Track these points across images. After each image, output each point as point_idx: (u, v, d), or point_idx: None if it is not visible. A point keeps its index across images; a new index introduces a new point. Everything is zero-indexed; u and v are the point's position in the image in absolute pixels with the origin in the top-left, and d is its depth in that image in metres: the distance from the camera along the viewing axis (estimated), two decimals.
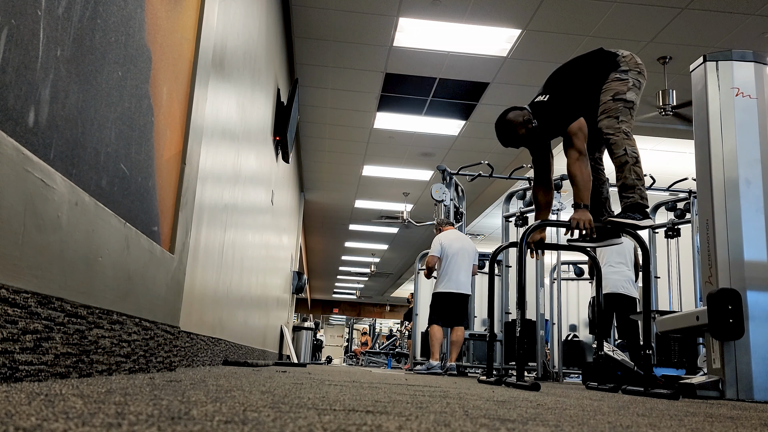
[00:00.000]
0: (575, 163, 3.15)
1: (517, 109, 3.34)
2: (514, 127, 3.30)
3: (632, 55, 3.33)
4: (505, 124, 3.34)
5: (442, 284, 6.07)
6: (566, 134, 3.20)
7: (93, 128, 1.40)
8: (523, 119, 3.29)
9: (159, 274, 1.99)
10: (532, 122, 3.27)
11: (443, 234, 6.25)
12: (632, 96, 3.23)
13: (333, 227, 14.23)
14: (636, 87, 3.25)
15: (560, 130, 3.23)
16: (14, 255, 1.07)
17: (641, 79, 3.29)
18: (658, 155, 8.48)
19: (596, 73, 3.30)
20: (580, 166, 3.15)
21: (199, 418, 0.78)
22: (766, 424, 1.38)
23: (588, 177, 3.16)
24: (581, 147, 3.17)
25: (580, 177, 3.14)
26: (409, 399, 1.43)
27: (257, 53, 4.08)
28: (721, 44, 5.53)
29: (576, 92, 3.29)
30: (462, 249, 6.11)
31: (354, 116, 7.73)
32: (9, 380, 1.06)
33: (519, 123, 3.29)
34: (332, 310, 29.69)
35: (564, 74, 3.39)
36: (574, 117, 3.20)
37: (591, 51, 3.44)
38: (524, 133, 3.30)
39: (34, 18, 1.10)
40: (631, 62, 3.29)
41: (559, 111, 3.24)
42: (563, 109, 3.24)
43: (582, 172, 3.14)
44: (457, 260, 6.06)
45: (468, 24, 5.48)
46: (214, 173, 2.98)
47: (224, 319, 3.61)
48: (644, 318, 3.02)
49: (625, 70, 3.26)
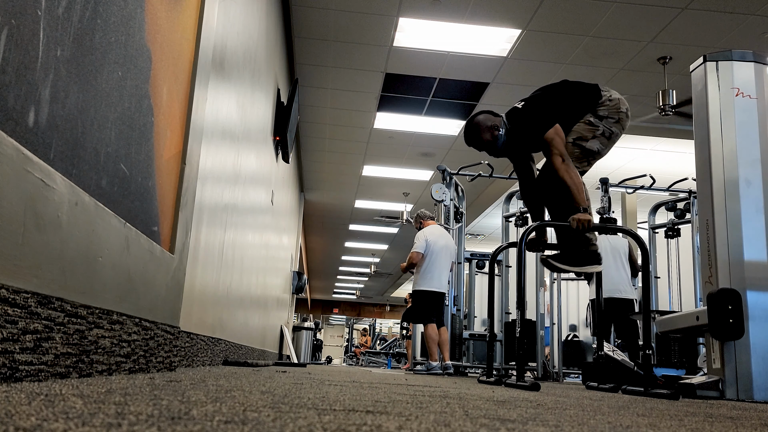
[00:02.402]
0: (561, 169, 3.08)
1: (489, 114, 3.34)
2: (478, 129, 3.31)
3: (620, 101, 3.20)
4: (472, 125, 3.35)
5: (427, 283, 5.99)
6: (544, 142, 3.14)
7: (93, 128, 1.40)
8: (490, 124, 3.28)
9: (159, 274, 1.99)
10: (499, 130, 3.26)
11: (428, 230, 6.15)
12: (595, 145, 3.14)
13: (333, 227, 14.23)
14: (604, 136, 3.15)
15: (537, 137, 3.17)
16: (14, 255, 1.07)
17: (616, 128, 3.17)
18: (658, 155, 8.48)
19: (575, 102, 3.22)
20: (567, 171, 3.08)
21: (199, 418, 0.78)
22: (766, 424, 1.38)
23: (578, 179, 3.10)
24: (562, 150, 3.10)
25: (570, 182, 3.08)
26: (409, 399, 1.43)
27: (257, 53, 4.08)
28: (721, 44, 5.53)
29: (553, 106, 3.22)
30: (445, 247, 6.07)
31: (354, 116, 7.73)
32: (9, 380, 1.06)
33: (485, 127, 3.29)
34: (332, 310, 29.69)
35: (544, 90, 3.35)
36: (549, 123, 3.15)
37: (575, 81, 3.33)
38: (489, 139, 3.29)
39: (34, 18, 1.10)
40: (613, 109, 3.17)
41: (534, 118, 3.20)
42: (538, 116, 3.19)
43: (571, 176, 3.08)
44: (441, 258, 6.02)
45: (468, 24, 5.48)
46: (214, 173, 2.98)
47: (224, 319, 3.61)
48: (644, 318, 3.02)
49: (602, 116, 3.16)
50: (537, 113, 3.23)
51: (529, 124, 3.22)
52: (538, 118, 3.20)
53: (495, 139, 3.29)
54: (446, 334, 6.08)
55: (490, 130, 3.28)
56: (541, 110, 3.23)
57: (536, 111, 3.24)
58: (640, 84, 6.38)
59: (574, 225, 3.12)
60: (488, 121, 3.30)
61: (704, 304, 3.20)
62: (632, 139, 7.82)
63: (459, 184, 7.42)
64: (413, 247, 6.10)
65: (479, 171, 7.13)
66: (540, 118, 3.20)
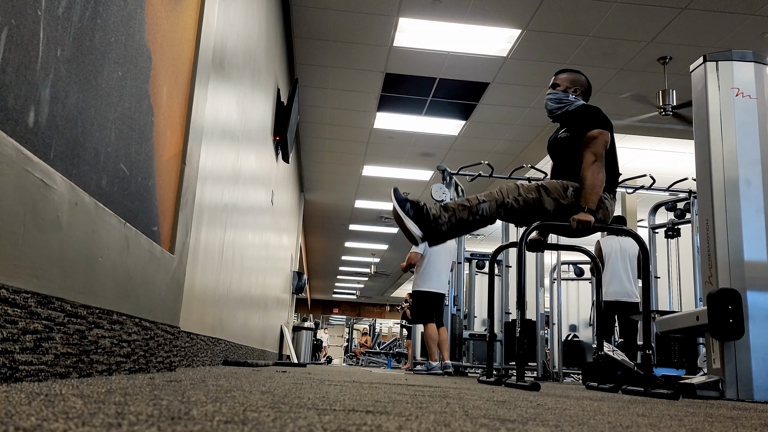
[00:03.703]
0: (589, 167, 3.02)
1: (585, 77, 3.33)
2: (576, 72, 3.31)
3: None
4: (569, 70, 3.33)
5: (426, 283, 6.04)
6: (585, 137, 3.08)
7: (93, 128, 1.40)
8: (578, 82, 3.27)
9: (159, 274, 1.99)
10: (575, 92, 3.25)
11: None
12: (549, 206, 3.08)
13: (333, 227, 14.23)
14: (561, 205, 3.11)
15: (584, 131, 3.11)
16: (14, 255, 1.07)
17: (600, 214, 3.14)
18: (658, 155, 8.48)
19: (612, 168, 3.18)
20: (593, 171, 3.02)
21: (199, 418, 0.78)
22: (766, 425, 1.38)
23: (599, 183, 3.02)
24: (599, 152, 3.04)
25: (590, 181, 3.01)
26: (409, 399, 1.43)
27: (257, 53, 4.08)
28: (721, 44, 5.53)
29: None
30: (444, 247, 6.09)
31: (354, 116, 7.73)
32: (9, 380, 1.06)
33: (576, 81, 3.28)
34: (332, 310, 29.69)
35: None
36: (605, 127, 3.10)
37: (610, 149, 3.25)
38: (567, 86, 3.26)
39: (34, 18, 1.10)
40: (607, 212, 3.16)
41: (590, 117, 3.14)
42: (594, 118, 3.14)
43: (594, 177, 3.01)
44: (440, 259, 6.05)
45: (468, 24, 5.48)
46: (214, 173, 2.98)
47: (224, 319, 3.61)
48: (644, 318, 3.01)
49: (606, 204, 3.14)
50: (597, 117, 3.16)
51: (583, 121, 3.15)
52: (593, 118, 3.14)
53: (566, 94, 3.25)
54: (446, 334, 6.09)
55: (574, 84, 3.26)
56: (600, 119, 3.16)
57: (597, 116, 3.17)
58: (640, 84, 6.38)
59: (574, 225, 3.11)
60: (580, 80, 3.27)
61: (704, 304, 3.20)
62: (632, 139, 7.82)
63: (459, 184, 7.42)
64: (412, 248, 6.13)
65: (479, 171, 7.13)
66: (596, 120, 3.13)
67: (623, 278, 5.95)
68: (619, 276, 5.93)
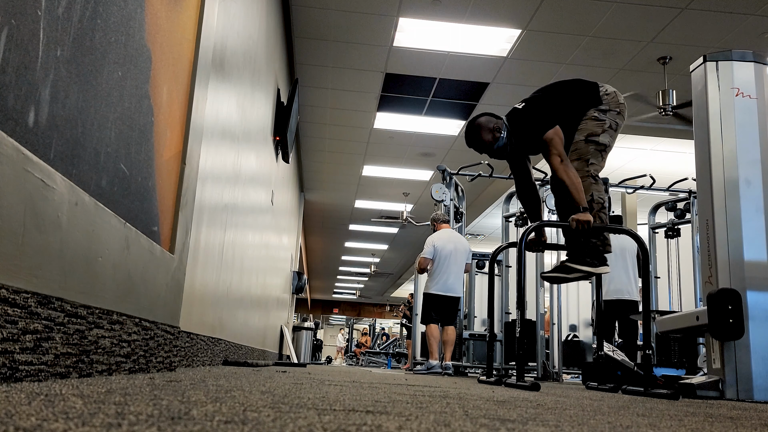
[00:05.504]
0: (560, 169, 3.11)
1: (490, 116, 3.37)
2: (480, 131, 3.33)
3: (616, 93, 3.29)
4: (473, 127, 3.38)
5: (433, 286, 6.10)
6: (543, 142, 3.17)
7: (93, 128, 1.40)
8: (492, 126, 3.31)
9: (159, 274, 1.99)
10: (500, 132, 3.28)
11: (437, 234, 6.23)
12: (606, 139, 3.21)
13: (333, 227, 14.23)
14: (612, 129, 3.23)
15: (536, 138, 3.20)
16: (14, 255, 1.07)
17: (619, 120, 3.25)
18: (658, 155, 8.48)
19: (576, 100, 3.28)
20: (566, 171, 3.11)
21: (199, 418, 0.78)
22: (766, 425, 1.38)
23: (577, 179, 3.11)
24: (560, 151, 3.14)
25: (569, 182, 3.10)
26: (409, 399, 1.43)
27: (257, 53, 4.08)
28: (721, 44, 5.53)
29: (553, 106, 3.27)
30: (455, 250, 6.10)
31: (354, 116, 7.73)
32: (9, 380, 1.06)
33: (487, 129, 3.32)
34: (332, 310, 29.69)
35: (544, 91, 3.38)
36: (549, 124, 3.18)
37: (572, 79, 3.40)
38: (490, 140, 3.31)
39: (34, 18, 1.10)
40: (613, 102, 3.26)
41: (535, 118, 3.23)
42: (538, 117, 3.23)
43: (569, 176, 3.10)
44: (449, 263, 6.07)
45: (468, 24, 5.48)
46: (214, 173, 2.98)
47: (224, 319, 3.61)
48: (644, 318, 3.01)
49: (605, 109, 3.24)
50: (537, 114, 3.25)
51: (530, 125, 3.24)
52: (538, 119, 3.23)
53: (496, 141, 3.31)
54: (453, 335, 6.11)
55: (492, 131, 3.31)
56: (541, 111, 3.25)
57: (536, 112, 3.26)
58: (640, 84, 6.38)
59: (574, 225, 3.11)
60: (490, 123, 3.32)
61: (704, 304, 3.20)
62: (632, 139, 7.81)
63: (459, 184, 7.42)
64: (422, 252, 6.21)
65: (479, 171, 7.13)
66: (540, 119, 3.22)
67: (623, 276, 5.95)
68: (619, 274, 5.93)
